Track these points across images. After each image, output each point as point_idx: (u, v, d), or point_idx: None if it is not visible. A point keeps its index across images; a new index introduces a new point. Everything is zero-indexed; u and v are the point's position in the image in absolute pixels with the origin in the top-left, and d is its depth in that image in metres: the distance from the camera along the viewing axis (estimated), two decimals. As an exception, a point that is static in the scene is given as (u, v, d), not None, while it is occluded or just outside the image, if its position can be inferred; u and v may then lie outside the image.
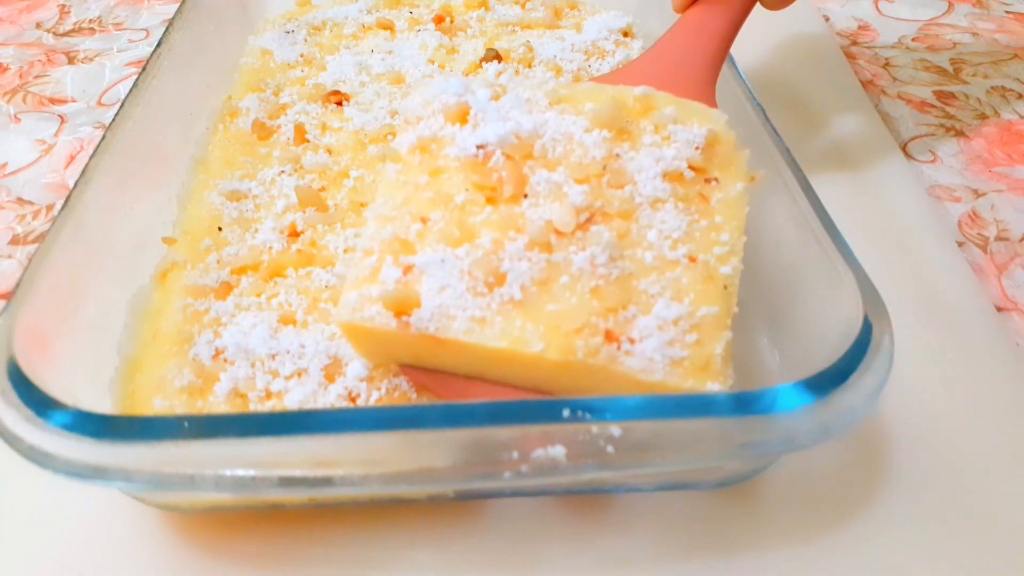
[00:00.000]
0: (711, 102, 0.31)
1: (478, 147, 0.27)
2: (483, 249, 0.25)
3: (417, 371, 0.27)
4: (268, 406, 0.27)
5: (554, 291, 0.25)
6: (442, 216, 0.26)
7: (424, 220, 0.26)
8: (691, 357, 0.24)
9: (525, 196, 0.27)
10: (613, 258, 0.25)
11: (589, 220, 0.26)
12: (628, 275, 0.25)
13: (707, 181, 0.28)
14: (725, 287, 0.26)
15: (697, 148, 0.28)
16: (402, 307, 0.25)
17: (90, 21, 0.60)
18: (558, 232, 0.26)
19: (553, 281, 0.25)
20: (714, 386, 0.24)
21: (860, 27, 0.56)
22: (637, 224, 0.27)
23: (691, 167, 0.28)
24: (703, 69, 0.32)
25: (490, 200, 0.27)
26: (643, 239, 0.26)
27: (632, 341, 0.24)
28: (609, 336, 0.24)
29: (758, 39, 0.51)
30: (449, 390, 0.27)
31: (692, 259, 0.26)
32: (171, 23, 0.41)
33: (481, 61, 0.43)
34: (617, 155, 0.28)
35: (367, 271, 0.25)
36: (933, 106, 0.48)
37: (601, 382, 0.25)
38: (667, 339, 0.24)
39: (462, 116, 0.28)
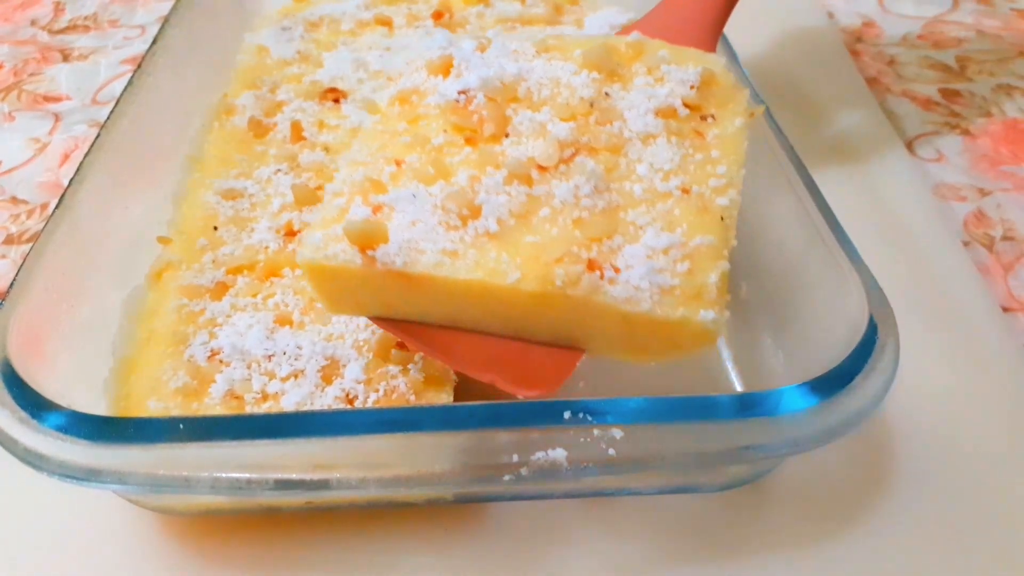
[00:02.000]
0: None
1: (460, 92, 0.26)
2: (459, 185, 0.24)
3: (388, 324, 0.25)
4: (264, 408, 0.27)
5: (533, 224, 0.23)
6: (418, 158, 0.25)
7: (399, 163, 0.25)
8: (682, 286, 0.23)
9: (507, 136, 0.25)
10: (599, 189, 0.24)
11: (574, 155, 0.25)
12: (615, 207, 0.24)
13: (703, 118, 0.26)
14: (722, 218, 0.24)
15: (692, 87, 0.26)
16: (368, 241, 0.23)
17: (85, 18, 0.59)
18: (540, 167, 0.24)
19: (533, 214, 0.24)
20: (708, 314, 0.22)
21: (864, 24, 0.56)
22: (626, 158, 0.25)
23: (686, 104, 0.26)
24: (703, 30, 0.31)
25: (469, 141, 0.25)
26: (632, 172, 0.25)
27: (617, 270, 0.23)
28: (592, 265, 0.23)
29: (761, 35, 0.51)
30: (422, 341, 0.25)
31: (685, 191, 0.24)
32: (167, 20, 0.41)
33: (481, 58, 0.42)
34: (606, 94, 0.26)
35: (335, 211, 0.24)
36: (938, 104, 0.48)
37: (583, 319, 0.23)
38: (656, 267, 0.23)
39: (445, 68, 0.27)
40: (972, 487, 0.28)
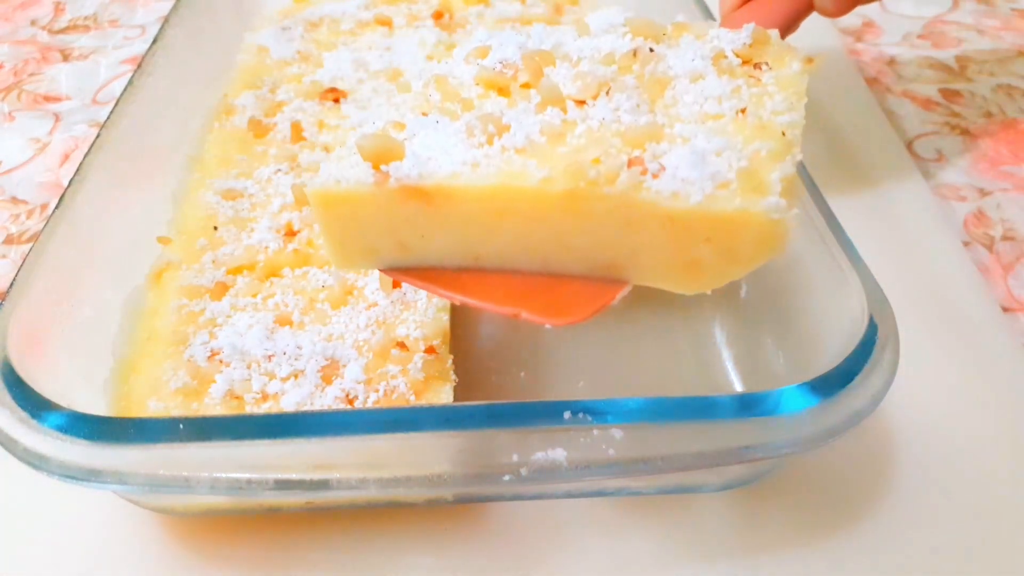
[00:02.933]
0: None
1: (498, 62, 0.24)
2: (486, 111, 0.22)
3: (404, 274, 0.23)
4: (264, 408, 0.27)
5: (568, 141, 0.21)
6: (447, 107, 0.23)
7: (425, 114, 0.23)
8: (739, 180, 0.20)
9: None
10: (641, 107, 0.21)
11: (613, 89, 0.22)
12: (660, 125, 0.21)
13: (756, 66, 0.23)
14: (783, 133, 0.21)
15: (744, 44, 0.24)
16: (382, 156, 0.21)
17: (85, 18, 0.59)
18: (577, 101, 0.22)
19: (567, 132, 0.21)
20: (772, 201, 0.19)
21: (864, 24, 0.56)
22: (673, 91, 0.23)
23: (737, 55, 0.24)
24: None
25: (502, 92, 0.23)
26: (679, 101, 0.22)
27: (663, 169, 0.20)
28: (633, 163, 0.20)
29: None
30: (440, 285, 0.23)
31: (741, 111, 0.22)
32: (167, 20, 0.41)
33: (481, 58, 0.42)
34: (651, 49, 0.24)
35: (351, 150, 0.22)
36: (938, 104, 0.48)
37: (622, 230, 0.20)
38: (708, 162, 0.20)
39: (483, 53, 0.26)
40: (972, 486, 0.28)
